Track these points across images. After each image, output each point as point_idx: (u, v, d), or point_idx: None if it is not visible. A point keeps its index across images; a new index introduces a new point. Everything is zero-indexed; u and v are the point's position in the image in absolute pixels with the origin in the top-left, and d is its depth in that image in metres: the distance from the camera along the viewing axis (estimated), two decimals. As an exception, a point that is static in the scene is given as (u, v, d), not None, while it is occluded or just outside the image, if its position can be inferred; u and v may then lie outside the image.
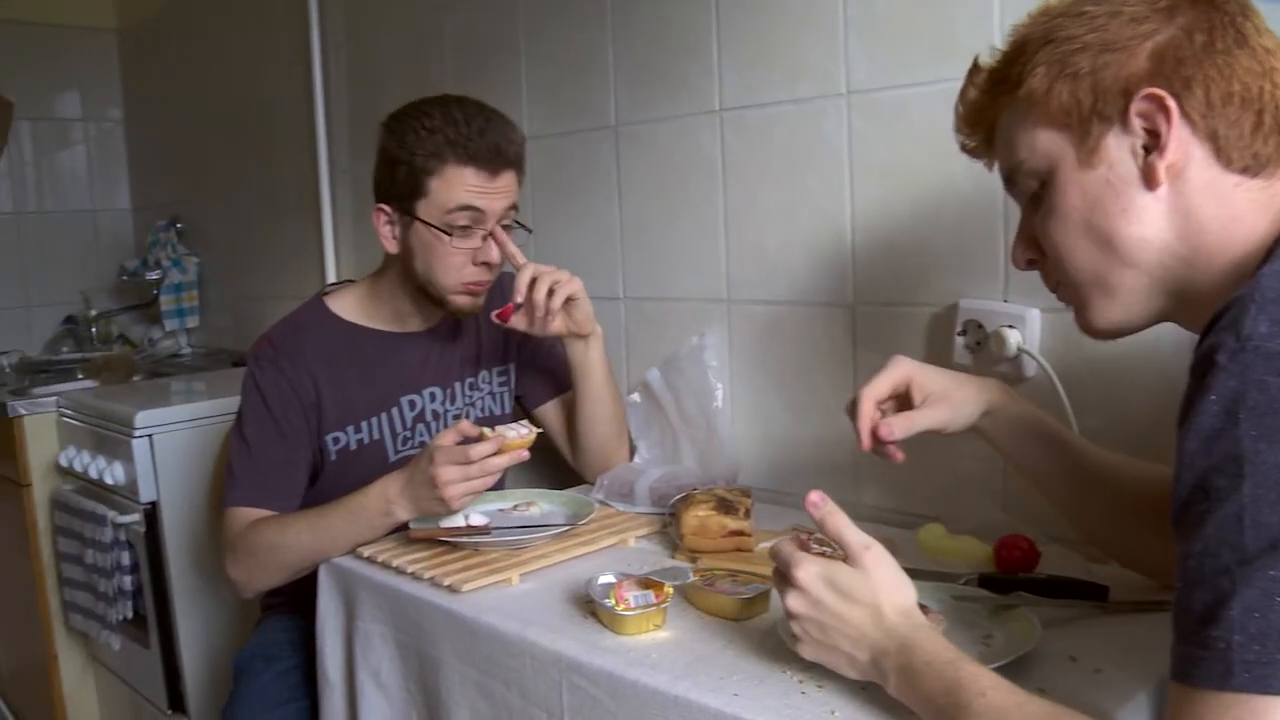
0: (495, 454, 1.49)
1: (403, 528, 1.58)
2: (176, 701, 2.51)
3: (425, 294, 1.74)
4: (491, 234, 1.69)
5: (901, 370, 1.26)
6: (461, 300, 1.72)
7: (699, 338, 1.87)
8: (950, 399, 1.24)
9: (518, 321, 1.73)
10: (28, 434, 2.74)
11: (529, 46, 2.16)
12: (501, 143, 1.65)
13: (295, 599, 1.88)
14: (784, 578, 1.05)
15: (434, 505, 1.52)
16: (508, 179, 1.68)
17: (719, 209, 1.84)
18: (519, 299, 1.69)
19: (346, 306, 1.84)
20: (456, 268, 1.68)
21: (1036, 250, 1.04)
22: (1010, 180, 1.04)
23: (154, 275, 3.54)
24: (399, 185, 1.69)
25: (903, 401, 1.27)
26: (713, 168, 1.84)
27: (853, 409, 1.25)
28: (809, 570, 1.03)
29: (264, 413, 1.73)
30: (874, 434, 1.23)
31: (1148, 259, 0.93)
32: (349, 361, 1.79)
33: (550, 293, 1.69)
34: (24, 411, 2.73)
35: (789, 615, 1.04)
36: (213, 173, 3.44)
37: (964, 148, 1.10)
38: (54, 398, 2.77)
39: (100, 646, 2.72)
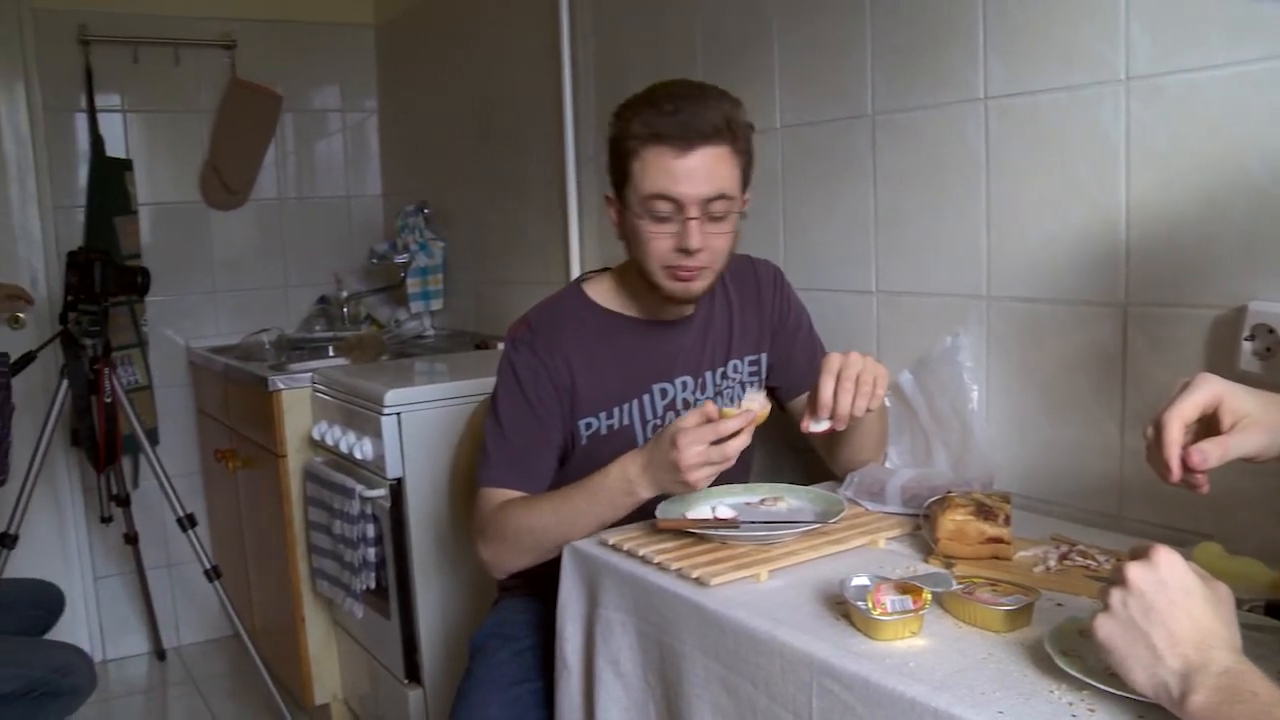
0: (736, 434, 1.47)
1: (648, 514, 1.58)
2: (413, 672, 2.60)
3: (647, 282, 1.72)
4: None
5: (1211, 390, 1.12)
6: (672, 286, 1.68)
7: (953, 337, 1.80)
8: (1264, 423, 1.11)
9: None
10: (285, 407, 2.88)
11: (783, 34, 2.12)
12: (693, 119, 1.59)
13: (534, 581, 1.91)
14: (1137, 554, 0.98)
15: (676, 487, 1.51)
16: (705, 155, 1.60)
17: (980, 201, 1.76)
18: (824, 414, 1.56)
19: (603, 293, 1.84)
20: (659, 253, 1.65)
21: None
22: None
23: (402, 258, 3.67)
24: (614, 173, 1.71)
25: (1207, 424, 1.14)
26: (975, 158, 1.76)
27: (1155, 432, 1.12)
28: (1171, 555, 0.96)
29: (519, 395, 1.76)
30: (1182, 461, 1.11)
31: None
32: (604, 347, 1.79)
33: (856, 392, 1.55)
34: (282, 386, 2.87)
35: (1121, 582, 0.97)
36: (460, 160, 3.54)
37: None
38: (309, 374, 2.91)
39: (343, 613, 2.84)
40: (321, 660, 3.03)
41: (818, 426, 1.58)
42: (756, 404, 1.51)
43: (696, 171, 1.60)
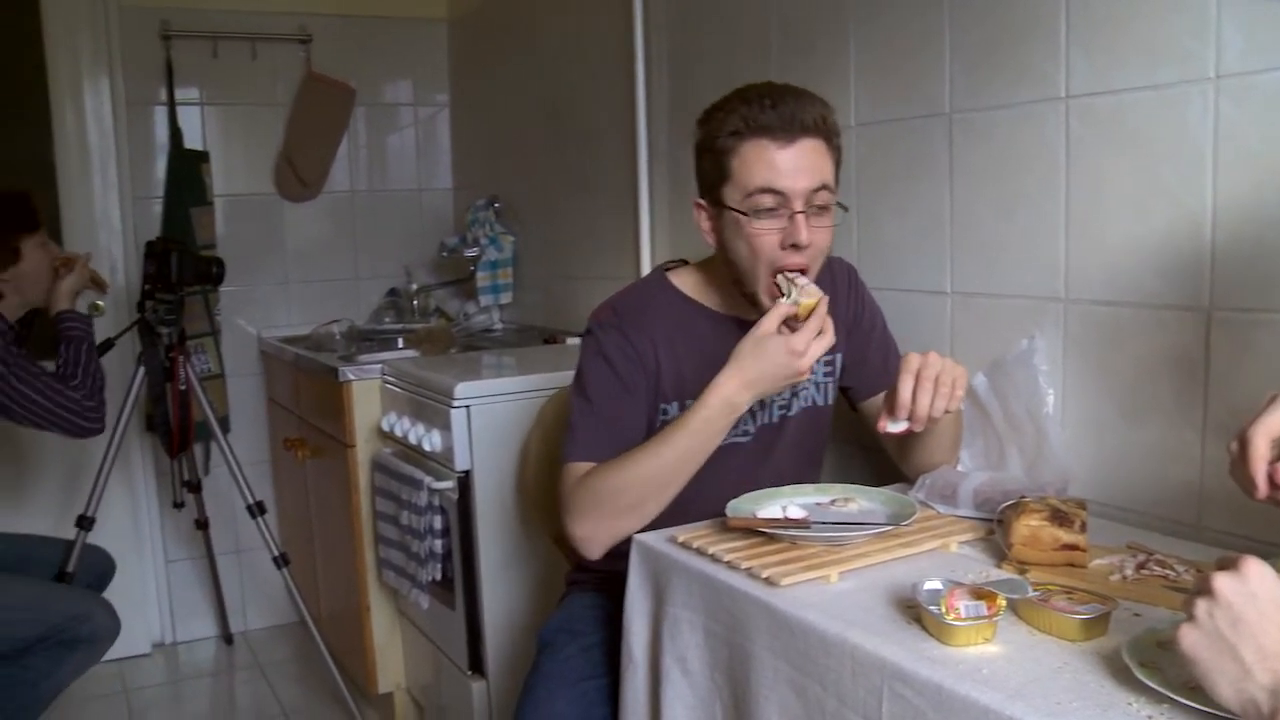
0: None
1: (718, 511, 1.57)
2: (476, 663, 2.61)
3: (742, 291, 1.71)
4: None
5: None
6: (772, 299, 1.64)
7: (1029, 340, 1.77)
8: None
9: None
10: (354, 398, 2.90)
11: (859, 30, 2.10)
12: (796, 111, 1.59)
13: (601, 577, 1.91)
14: (1223, 565, 0.95)
15: (785, 381, 1.56)
16: (806, 147, 1.60)
17: (1059, 202, 1.73)
18: (902, 415, 1.56)
19: (687, 284, 1.83)
20: (765, 251, 1.63)
21: None
22: None
23: (472, 252, 3.69)
24: (707, 176, 1.68)
25: None
26: (1055, 158, 1.72)
27: (1241, 447, 1.09)
28: (1262, 566, 0.93)
29: (608, 372, 1.74)
30: (1270, 478, 1.07)
31: None
32: (686, 337, 1.78)
33: (935, 393, 1.55)
34: (352, 377, 2.90)
35: (1207, 593, 0.93)
36: (531, 154, 3.55)
37: None
38: (379, 365, 2.93)
39: (409, 603, 2.86)
40: (386, 649, 3.06)
41: (895, 427, 1.57)
42: (814, 290, 1.58)
43: (800, 163, 1.60)
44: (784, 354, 1.54)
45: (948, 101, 1.91)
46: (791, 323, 1.57)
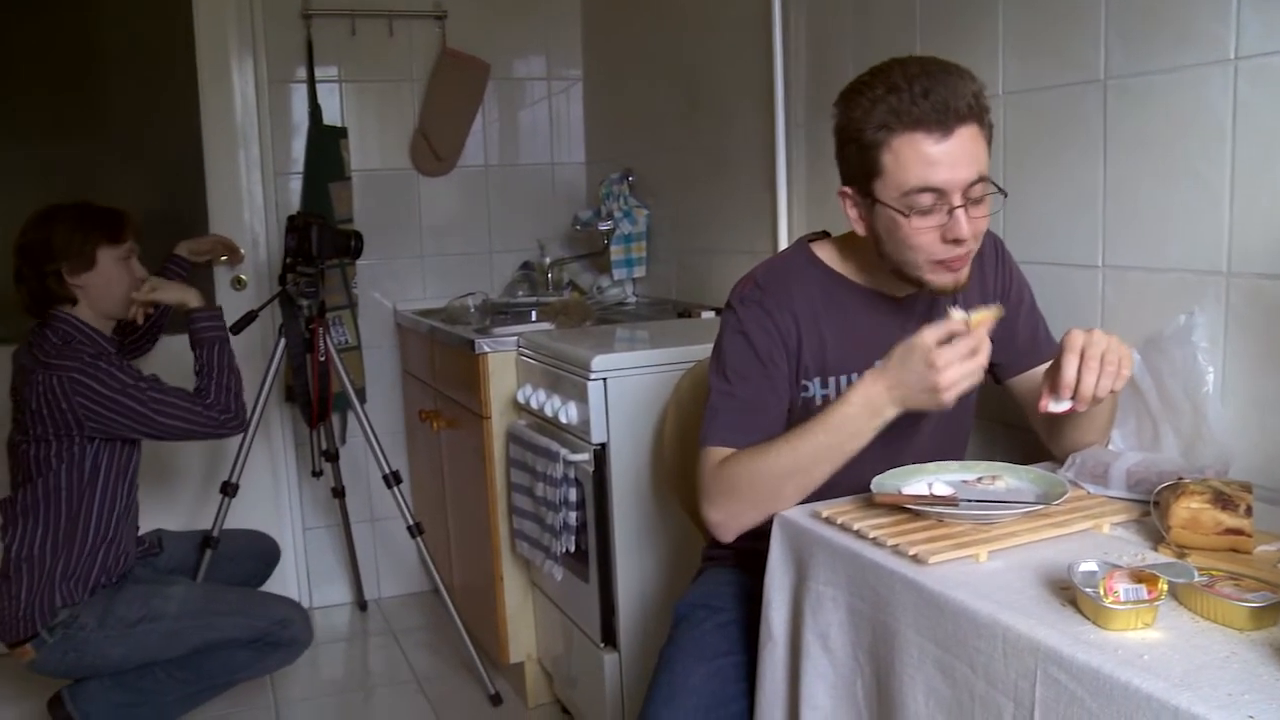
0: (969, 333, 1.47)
1: (864, 487, 1.54)
2: (609, 636, 2.62)
3: (900, 276, 1.66)
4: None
5: None
6: (941, 280, 1.61)
7: (1188, 315, 1.69)
8: None
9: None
10: (490, 370, 2.93)
11: (1008, -5, 2.03)
12: (950, 98, 1.49)
13: (739, 553, 1.90)
14: None
15: (925, 397, 1.48)
16: (963, 137, 1.51)
17: (1224, 171, 1.65)
18: (1066, 395, 1.51)
19: (832, 257, 1.79)
20: (925, 247, 1.57)
21: None
22: None
23: (605, 226, 3.69)
24: (853, 166, 1.61)
25: None
26: (1220, 124, 1.64)
27: None
28: None
29: (748, 352, 1.72)
30: None
31: None
32: (829, 312, 1.75)
33: (1100, 372, 1.49)
34: (488, 349, 2.92)
35: None
36: (664, 127, 3.53)
37: None
38: (514, 337, 2.94)
39: (542, 575, 2.88)
40: (517, 620, 3.09)
41: (1058, 406, 1.52)
42: (994, 309, 1.51)
43: (958, 156, 1.51)
44: (923, 365, 1.47)
45: (1102, 67, 1.83)
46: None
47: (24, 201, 2.83)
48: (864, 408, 1.54)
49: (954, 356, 1.45)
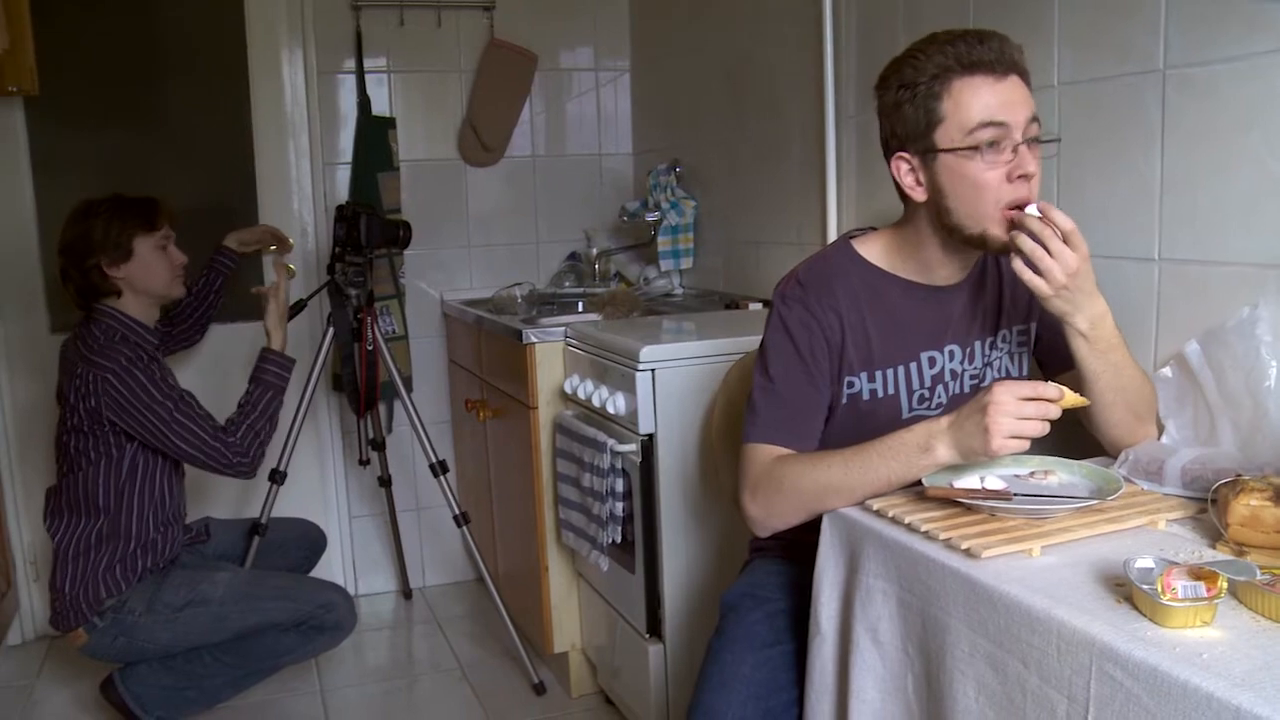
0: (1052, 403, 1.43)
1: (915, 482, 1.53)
2: (654, 627, 2.62)
3: (962, 237, 1.64)
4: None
5: None
6: (1006, 230, 1.59)
7: (1251, 309, 1.66)
8: None
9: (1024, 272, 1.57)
10: (537, 360, 2.93)
11: (1064, -16, 2.00)
12: (1002, 46, 1.56)
13: (787, 544, 1.89)
14: None
15: (974, 443, 1.45)
16: (1015, 82, 1.57)
17: (1287, 162, 1.62)
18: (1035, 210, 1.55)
19: (874, 251, 1.79)
20: (993, 186, 1.57)
21: None
22: None
23: (653, 217, 3.68)
24: (910, 124, 1.62)
25: None
26: (1284, 114, 1.61)
27: None
28: None
29: (791, 351, 1.73)
30: None
31: None
32: (874, 307, 1.74)
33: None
34: (535, 340, 2.93)
35: None
36: (713, 119, 3.51)
37: None
38: (562, 328, 2.95)
39: (587, 565, 2.88)
40: (562, 609, 3.10)
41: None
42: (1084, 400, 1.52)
43: (1015, 94, 1.57)
44: (980, 403, 1.45)
45: (1161, 57, 1.80)
46: None
47: (79, 193, 2.86)
48: (920, 438, 1.52)
49: (1009, 409, 1.42)
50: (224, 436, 2.76)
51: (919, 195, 1.66)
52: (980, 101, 1.55)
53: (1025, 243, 1.54)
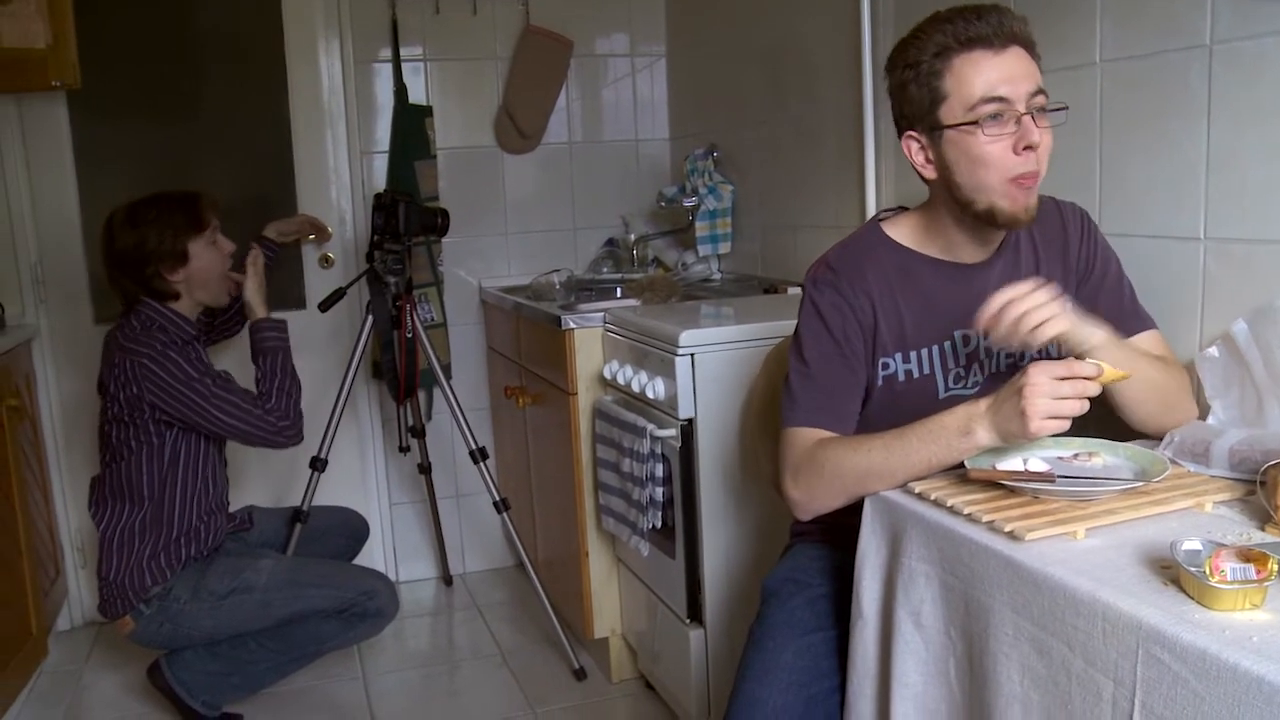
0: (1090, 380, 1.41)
1: (958, 466, 1.52)
2: (695, 612, 2.61)
3: (973, 213, 1.64)
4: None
5: None
6: (1015, 203, 1.59)
7: (1300, 286, 1.64)
8: None
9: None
10: (576, 346, 2.94)
11: (1106, -41, 1.97)
12: (1000, 19, 1.56)
13: (827, 528, 1.89)
14: None
15: (1012, 425, 1.43)
16: (1017, 54, 1.57)
17: (1338, 138, 1.59)
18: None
19: (903, 232, 1.78)
20: (998, 159, 1.57)
21: None
22: None
23: (690, 202, 3.67)
24: (915, 104, 1.63)
25: None
26: (1333, 90, 1.58)
27: None
28: None
29: (824, 334, 1.73)
30: None
31: None
32: (905, 288, 1.74)
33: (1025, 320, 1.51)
34: (574, 325, 2.93)
35: None
36: (749, 103, 3.50)
37: None
38: (600, 313, 2.95)
39: (627, 550, 2.89)
40: (602, 595, 3.10)
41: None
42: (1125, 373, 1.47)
43: (1016, 67, 1.57)
44: (1016, 385, 1.43)
45: (1208, 32, 1.77)
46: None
47: (121, 186, 2.88)
48: (960, 421, 1.51)
49: (1049, 372, 1.41)
50: (263, 404, 2.80)
51: (929, 173, 1.68)
52: (981, 77, 1.56)
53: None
